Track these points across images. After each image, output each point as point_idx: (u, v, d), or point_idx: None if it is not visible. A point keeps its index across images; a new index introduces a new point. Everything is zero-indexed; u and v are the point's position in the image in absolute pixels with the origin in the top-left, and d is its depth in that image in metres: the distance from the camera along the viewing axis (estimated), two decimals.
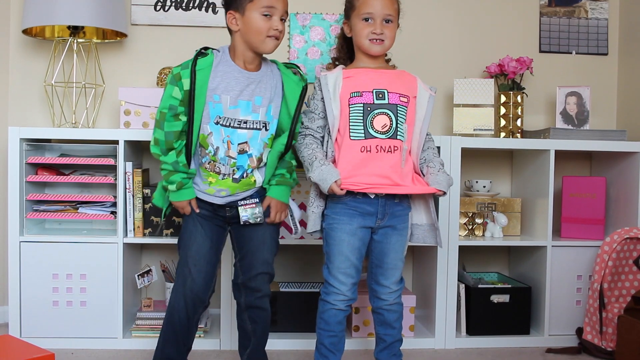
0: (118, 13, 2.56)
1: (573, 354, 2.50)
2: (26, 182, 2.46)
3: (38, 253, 2.43)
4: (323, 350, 2.00)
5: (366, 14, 1.93)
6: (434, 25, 2.97)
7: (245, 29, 1.84)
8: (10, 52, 2.80)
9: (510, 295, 2.61)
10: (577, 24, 3.02)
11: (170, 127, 1.83)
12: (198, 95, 1.81)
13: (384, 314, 2.03)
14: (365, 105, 1.91)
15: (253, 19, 1.82)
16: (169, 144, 1.84)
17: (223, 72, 1.85)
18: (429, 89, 2.01)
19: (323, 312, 1.99)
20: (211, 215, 1.95)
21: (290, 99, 1.93)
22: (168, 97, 1.83)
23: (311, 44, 2.89)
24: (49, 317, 2.44)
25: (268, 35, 1.83)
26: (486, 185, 2.80)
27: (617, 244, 2.44)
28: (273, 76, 1.94)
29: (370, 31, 1.93)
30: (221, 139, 1.86)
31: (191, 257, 1.91)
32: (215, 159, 1.88)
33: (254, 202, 1.95)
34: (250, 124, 1.88)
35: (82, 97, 2.74)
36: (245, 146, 1.88)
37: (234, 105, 1.85)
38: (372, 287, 2.05)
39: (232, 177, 1.90)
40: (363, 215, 1.94)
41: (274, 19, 1.83)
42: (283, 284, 2.80)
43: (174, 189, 1.88)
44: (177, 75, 1.82)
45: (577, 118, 2.79)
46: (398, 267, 2.01)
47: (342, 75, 1.96)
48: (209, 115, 1.85)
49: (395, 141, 1.91)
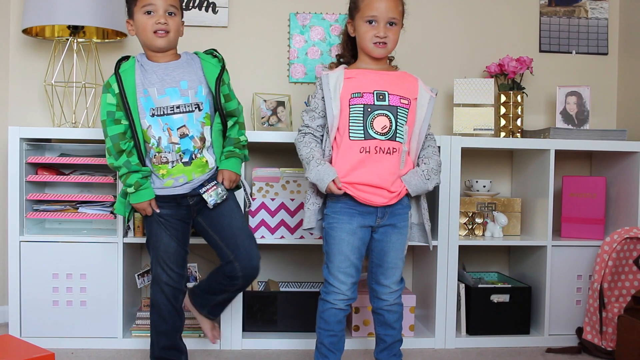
0: (118, 13, 2.56)
1: (573, 353, 2.50)
2: (26, 182, 2.46)
3: (38, 253, 2.43)
4: (323, 350, 2.00)
5: (370, 17, 1.93)
6: (434, 24, 2.97)
7: (137, 31, 2.00)
8: (10, 52, 2.81)
9: (510, 295, 2.61)
10: (577, 24, 3.02)
11: (112, 131, 1.95)
12: (128, 94, 1.94)
13: (384, 315, 2.03)
14: (365, 106, 1.92)
15: (138, 20, 1.98)
16: (117, 147, 1.95)
17: (144, 70, 1.99)
18: (430, 91, 2.02)
19: (323, 311, 1.99)
20: (173, 211, 2.03)
21: (209, 79, 2.02)
22: (105, 105, 1.97)
23: (311, 44, 2.89)
24: (49, 317, 2.44)
25: (153, 32, 1.96)
26: (486, 185, 2.80)
27: (617, 243, 2.44)
28: (194, 62, 2.04)
29: (373, 34, 1.94)
30: (160, 127, 1.96)
31: (161, 258, 2.03)
32: (160, 150, 1.97)
33: (214, 184, 2.03)
34: (182, 107, 1.98)
35: (82, 97, 2.74)
36: (184, 129, 1.98)
37: (162, 95, 1.96)
38: (372, 287, 2.05)
39: (181, 161, 1.98)
40: (363, 214, 1.94)
41: (156, 15, 1.95)
42: (283, 284, 2.81)
43: (132, 191, 1.97)
44: (107, 84, 1.98)
45: (577, 118, 2.79)
46: (398, 266, 2.01)
47: (343, 75, 1.97)
48: (144, 109, 1.96)
49: (394, 143, 1.92)
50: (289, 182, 2.55)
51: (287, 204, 2.53)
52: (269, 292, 2.61)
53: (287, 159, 2.82)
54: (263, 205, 2.52)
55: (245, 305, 2.54)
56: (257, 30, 2.90)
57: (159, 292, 2.03)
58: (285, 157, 2.82)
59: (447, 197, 2.52)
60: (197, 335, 2.49)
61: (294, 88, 2.90)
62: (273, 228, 2.53)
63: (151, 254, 2.06)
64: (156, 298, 2.04)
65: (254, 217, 2.53)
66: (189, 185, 2.01)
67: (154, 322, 2.06)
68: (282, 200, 2.53)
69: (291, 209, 2.54)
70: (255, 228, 2.52)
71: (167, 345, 2.06)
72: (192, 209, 2.05)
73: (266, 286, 2.75)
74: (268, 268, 2.89)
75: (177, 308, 2.06)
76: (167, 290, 2.02)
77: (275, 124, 2.72)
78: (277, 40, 2.91)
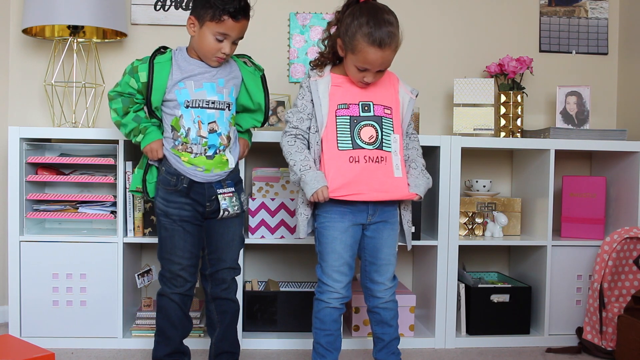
0: (118, 13, 2.56)
1: (573, 353, 2.50)
2: (26, 182, 2.46)
3: (38, 253, 2.43)
4: (320, 350, 2.00)
5: (362, 67, 1.89)
6: (434, 24, 2.96)
7: (198, 40, 1.95)
8: (10, 52, 2.81)
9: (510, 295, 2.61)
10: (577, 24, 3.02)
11: (125, 102, 2.01)
12: (155, 87, 1.95)
13: (380, 313, 2.04)
14: (352, 118, 1.93)
15: (206, 37, 1.93)
16: (125, 109, 2.01)
17: (182, 65, 1.98)
18: (410, 92, 2.03)
19: (318, 311, 1.99)
20: (191, 214, 2.00)
21: (253, 92, 2.07)
22: (125, 85, 2.00)
23: (311, 44, 2.89)
24: (49, 316, 2.44)
25: (215, 57, 1.96)
26: (486, 185, 2.80)
27: (617, 243, 2.44)
28: (228, 63, 2.06)
29: (362, 77, 1.91)
30: (192, 119, 1.96)
31: (174, 266, 2.00)
32: (187, 140, 1.97)
33: (230, 192, 2.04)
34: (217, 104, 1.99)
35: (82, 97, 2.74)
36: (214, 125, 1.98)
37: (200, 88, 1.97)
38: (366, 286, 2.05)
39: (205, 154, 1.98)
40: (354, 212, 1.95)
41: (224, 43, 1.94)
42: (283, 284, 2.81)
43: (141, 138, 2.00)
44: (135, 68, 1.98)
45: (577, 118, 2.79)
46: (392, 262, 2.02)
47: (331, 82, 1.96)
48: (178, 101, 1.96)
49: (381, 152, 1.93)
50: (289, 182, 2.55)
51: (287, 204, 2.53)
52: (269, 292, 2.61)
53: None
54: (263, 205, 2.52)
55: (245, 305, 2.54)
56: (257, 30, 2.89)
57: (168, 301, 2.01)
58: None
59: (447, 197, 2.52)
60: (197, 335, 2.49)
61: (294, 88, 2.90)
62: (273, 228, 2.53)
63: (163, 261, 2.02)
64: (165, 305, 2.02)
65: (254, 217, 2.53)
66: (205, 176, 1.99)
67: (161, 327, 2.04)
68: (282, 200, 2.53)
69: (291, 209, 2.54)
70: (255, 228, 2.52)
71: (172, 350, 2.05)
72: (207, 214, 2.03)
73: (266, 286, 2.75)
74: (268, 268, 2.89)
75: (187, 313, 2.06)
76: (178, 298, 2.01)
77: (275, 123, 2.71)
78: (277, 40, 2.91)
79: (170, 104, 1.96)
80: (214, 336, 2.13)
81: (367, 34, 1.83)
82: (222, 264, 2.07)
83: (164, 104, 1.99)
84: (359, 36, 1.84)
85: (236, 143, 2.08)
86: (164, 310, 2.03)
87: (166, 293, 2.01)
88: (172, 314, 2.02)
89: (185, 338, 2.08)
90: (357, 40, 1.85)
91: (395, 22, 1.87)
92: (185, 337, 2.08)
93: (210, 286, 2.09)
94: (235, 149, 2.07)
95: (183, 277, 2.00)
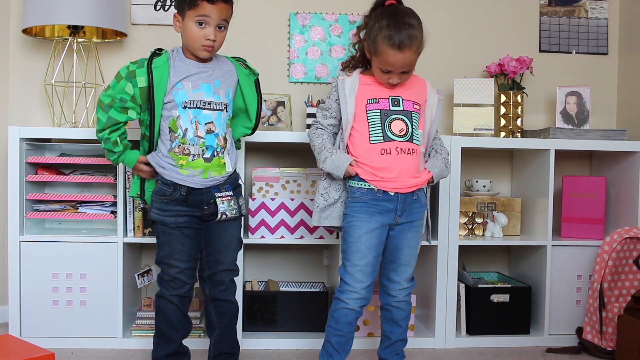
0: (118, 12, 2.56)
1: (573, 353, 2.50)
2: (26, 182, 2.46)
3: (38, 253, 2.43)
4: (329, 348, 2.01)
5: (385, 69, 1.93)
6: (434, 24, 2.96)
7: (184, 33, 1.95)
8: (10, 52, 2.81)
9: (510, 295, 2.61)
10: (577, 24, 3.02)
11: (115, 115, 1.96)
12: (157, 91, 1.93)
13: (392, 311, 2.05)
14: (382, 112, 1.96)
15: (189, 26, 1.92)
16: (107, 127, 1.96)
17: (179, 66, 1.97)
18: (437, 92, 2.08)
19: (335, 310, 2.00)
20: (188, 219, 2.00)
21: (247, 95, 2.07)
22: (120, 90, 1.94)
23: (311, 44, 2.89)
24: (48, 316, 2.44)
25: (202, 45, 1.93)
26: (486, 185, 2.80)
27: (617, 243, 2.44)
28: (225, 64, 2.06)
29: (387, 78, 1.95)
30: (189, 119, 1.96)
31: (173, 270, 2.00)
32: (184, 141, 1.96)
33: (229, 195, 2.04)
34: (213, 105, 1.99)
35: (82, 97, 2.74)
36: (211, 126, 1.98)
37: (197, 89, 1.96)
38: (382, 283, 2.07)
39: (202, 157, 1.97)
40: (382, 212, 1.96)
41: (207, 29, 1.92)
42: (283, 284, 2.81)
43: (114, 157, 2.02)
44: (132, 73, 1.93)
45: (577, 118, 2.79)
46: (411, 263, 2.04)
47: (359, 81, 2.00)
48: (176, 101, 1.95)
49: (412, 144, 1.97)
50: (289, 182, 2.55)
51: (287, 204, 2.53)
52: (269, 292, 2.61)
53: (287, 159, 2.82)
54: (263, 205, 2.52)
55: (245, 305, 2.54)
56: (257, 30, 2.90)
57: (167, 302, 2.01)
58: (285, 157, 2.82)
59: (447, 197, 2.52)
60: (197, 335, 2.49)
61: (294, 88, 2.90)
62: (273, 228, 2.53)
63: (162, 265, 2.03)
64: (164, 307, 2.02)
65: (253, 217, 2.53)
66: (203, 182, 1.98)
67: (161, 329, 2.04)
68: (282, 200, 2.53)
69: (291, 209, 2.54)
70: (255, 228, 2.52)
71: (172, 351, 2.05)
72: (204, 217, 2.03)
73: (266, 286, 2.75)
74: (268, 268, 2.89)
75: (186, 314, 2.06)
76: (176, 300, 2.02)
77: (275, 123, 2.72)
78: (277, 40, 2.91)
79: (168, 105, 1.95)
80: (213, 337, 2.13)
81: (387, 36, 1.87)
82: (220, 266, 2.07)
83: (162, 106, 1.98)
84: (380, 39, 1.88)
85: (233, 147, 2.08)
86: (162, 312, 2.03)
87: (164, 295, 2.01)
88: (171, 316, 2.02)
89: (184, 338, 2.08)
90: (378, 43, 1.89)
91: (417, 25, 1.91)
92: (185, 337, 2.08)
93: (209, 288, 2.09)
94: (233, 153, 2.07)
95: (181, 279, 2.00)
